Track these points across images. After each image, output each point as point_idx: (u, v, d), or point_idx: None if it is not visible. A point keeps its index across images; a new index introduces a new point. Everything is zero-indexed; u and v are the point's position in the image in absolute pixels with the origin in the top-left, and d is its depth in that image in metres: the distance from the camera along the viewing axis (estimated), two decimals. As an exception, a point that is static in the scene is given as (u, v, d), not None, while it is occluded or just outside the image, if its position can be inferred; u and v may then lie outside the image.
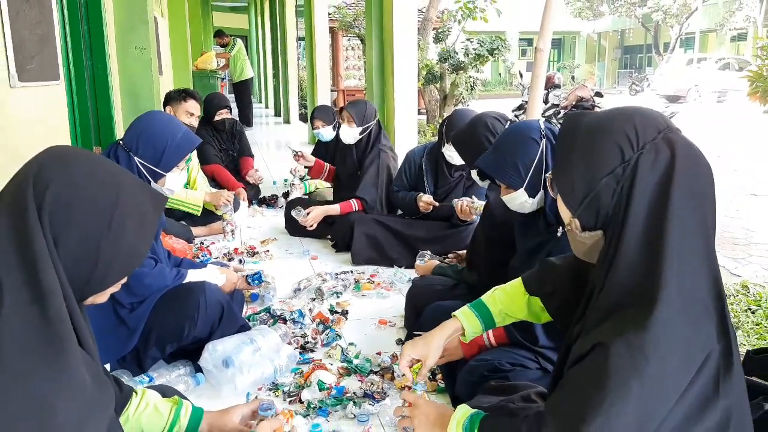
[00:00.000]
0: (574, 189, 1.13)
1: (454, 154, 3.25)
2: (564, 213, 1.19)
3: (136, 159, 2.17)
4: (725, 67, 20.76)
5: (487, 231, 2.48)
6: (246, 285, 2.59)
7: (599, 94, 8.53)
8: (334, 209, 3.78)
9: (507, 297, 1.55)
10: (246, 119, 11.19)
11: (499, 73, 30.59)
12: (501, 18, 8.51)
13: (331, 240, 3.83)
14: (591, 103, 8.12)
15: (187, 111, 3.98)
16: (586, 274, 1.29)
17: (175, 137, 2.22)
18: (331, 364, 2.28)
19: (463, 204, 2.97)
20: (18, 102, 2.48)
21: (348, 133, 3.84)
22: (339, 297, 2.96)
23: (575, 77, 17.75)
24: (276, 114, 14.44)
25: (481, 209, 2.77)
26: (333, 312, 2.73)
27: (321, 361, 2.29)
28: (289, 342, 2.39)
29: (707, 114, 16.11)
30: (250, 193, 4.91)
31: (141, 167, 2.19)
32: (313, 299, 2.89)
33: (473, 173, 2.54)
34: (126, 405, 1.36)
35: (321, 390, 2.05)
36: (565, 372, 1.15)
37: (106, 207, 0.99)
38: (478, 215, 2.93)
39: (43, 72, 2.75)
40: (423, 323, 2.13)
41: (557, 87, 10.33)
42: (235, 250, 3.72)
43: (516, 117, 8.83)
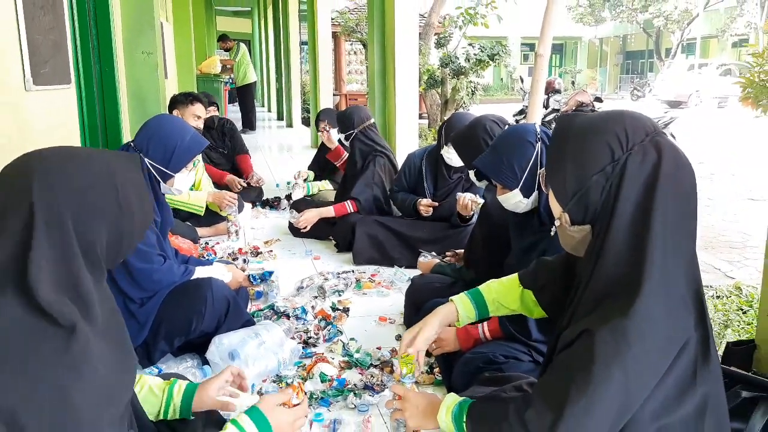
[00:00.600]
0: (565, 185, 1.19)
1: (453, 156, 3.33)
2: (555, 207, 1.26)
3: (146, 160, 2.26)
4: (726, 73, 20.84)
5: (484, 230, 2.56)
6: (249, 283, 2.68)
7: (599, 99, 8.61)
8: (328, 211, 3.87)
9: (502, 287, 1.62)
10: (249, 123, 11.29)
11: (501, 78, 30.70)
12: (503, 23, 8.61)
13: (334, 240, 3.91)
14: (591, 108, 8.18)
15: (194, 114, 4.05)
16: (575, 270, 1.37)
17: (184, 139, 2.31)
18: (333, 358, 2.36)
19: (466, 198, 3.04)
20: (32, 105, 2.57)
21: (335, 137, 4.39)
22: (341, 295, 3.04)
23: (575, 82, 17.80)
24: (279, 118, 14.52)
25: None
26: (335, 309, 2.82)
27: (323, 355, 2.37)
28: (293, 337, 2.47)
29: (707, 119, 16.18)
30: (252, 195, 5.00)
31: (151, 168, 2.27)
32: (316, 297, 2.98)
33: (471, 174, 2.62)
34: None
35: (323, 382, 2.14)
36: (554, 358, 1.23)
37: (111, 195, 1.03)
38: (476, 213, 3.02)
39: (56, 76, 2.84)
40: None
41: (558, 92, 10.40)
42: (240, 250, 3.81)
43: (517, 121, 8.91)
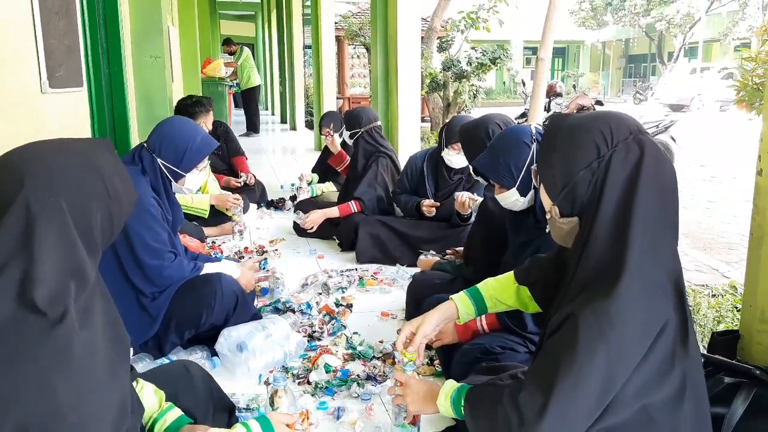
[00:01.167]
0: (555, 180, 1.27)
1: (453, 158, 3.43)
2: (545, 201, 1.34)
3: (159, 160, 2.35)
4: (728, 77, 20.88)
5: (483, 229, 2.65)
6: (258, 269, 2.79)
7: (600, 102, 8.68)
8: (333, 212, 3.97)
9: (499, 285, 1.70)
10: (253, 126, 11.42)
11: (504, 82, 30.79)
12: (506, 27, 8.70)
13: (337, 240, 4.00)
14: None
15: (212, 119, 4.31)
16: (567, 264, 1.45)
17: (195, 140, 2.40)
18: (337, 350, 2.45)
19: (464, 197, 3.13)
20: (48, 107, 2.67)
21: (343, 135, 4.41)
22: (344, 292, 3.13)
23: (576, 86, 17.88)
24: (282, 121, 14.62)
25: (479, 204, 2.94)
26: (338, 305, 2.91)
27: (327, 347, 2.46)
28: (298, 330, 2.56)
29: (709, 122, 16.23)
30: (255, 196, 5.09)
31: (163, 168, 2.36)
32: (320, 293, 3.06)
33: (472, 170, 2.70)
34: None
35: (327, 372, 2.22)
36: (543, 343, 1.31)
37: (98, 179, 1.07)
38: (474, 211, 3.10)
39: (70, 79, 2.94)
40: (423, 315, 2.29)
41: (559, 95, 10.51)
42: (245, 249, 3.90)
43: (519, 124, 8.96)
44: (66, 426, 0.96)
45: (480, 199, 3.06)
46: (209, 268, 2.45)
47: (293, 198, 5.15)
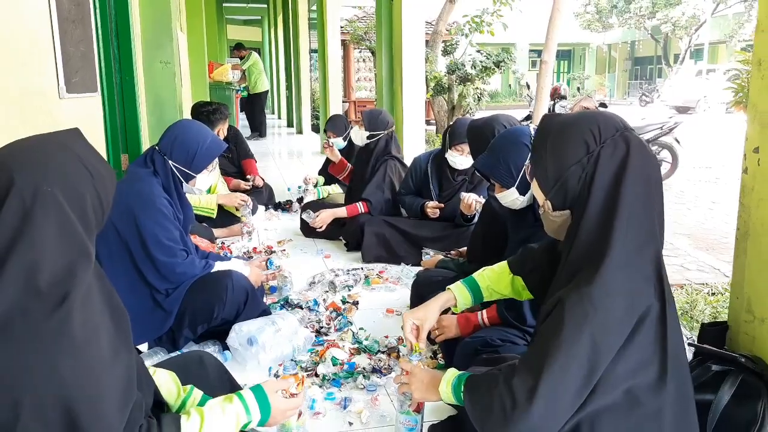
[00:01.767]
0: (547, 175, 1.35)
1: (457, 159, 3.51)
2: (539, 195, 1.42)
3: (170, 162, 2.45)
4: (736, 78, 20.82)
5: (485, 227, 2.73)
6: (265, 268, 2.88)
7: (604, 104, 8.73)
8: (341, 212, 4.06)
9: (494, 275, 1.79)
10: (258, 130, 11.56)
11: (509, 84, 30.84)
12: (512, 30, 8.78)
13: (343, 240, 4.09)
14: (596, 114, 8.32)
15: (227, 126, 4.46)
16: (559, 255, 1.53)
17: (206, 142, 2.50)
18: (343, 345, 2.53)
19: (470, 199, 3.21)
20: (65, 111, 2.78)
21: (356, 135, 4.30)
22: (350, 290, 3.22)
23: (580, 88, 17.94)
24: (289, 125, 14.74)
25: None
26: (345, 302, 2.99)
27: (334, 341, 2.55)
28: (306, 326, 2.65)
29: (715, 124, 16.24)
30: (263, 197, 5.19)
31: (174, 169, 2.46)
32: (327, 291, 3.15)
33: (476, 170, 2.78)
34: None
35: (334, 365, 2.31)
36: (536, 330, 1.39)
37: (80, 168, 1.13)
38: (478, 213, 3.18)
39: (85, 84, 3.05)
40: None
41: (563, 98, 10.54)
42: (254, 249, 3.99)
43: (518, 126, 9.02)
44: (74, 405, 1.02)
45: (484, 201, 3.14)
46: (220, 265, 2.55)
47: (300, 200, 5.25)
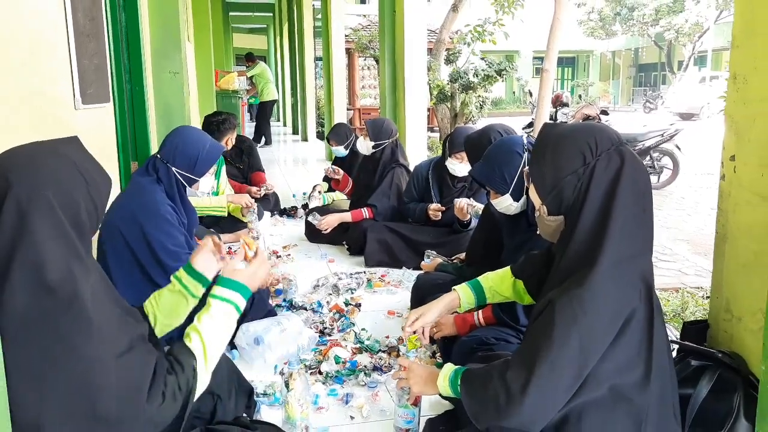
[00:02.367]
0: (544, 182, 1.45)
1: (456, 167, 3.62)
2: (535, 199, 1.52)
3: (173, 169, 2.54)
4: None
5: (483, 232, 2.84)
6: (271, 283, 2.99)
7: (605, 112, 8.83)
8: (347, 216, 4.18)
9: (497, 278, 1.90)
10: (261, 138, 11.72)
11: (513, 92, 30.98)
12: (516, 38, 8.87)
13: (347, 245, 4.20)
14: (597, 121, 8.42)
15: (236, 135, 4.59)
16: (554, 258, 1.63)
17: (205, 147, 2.59)
18: (346, 344, 2.64)
19: (462, 202, 3.33)
20: (80, 121, 2.90)
21: (362, 145, 4.38)
22: (353, 293, 3.32)
23: (582, 96, 18.05)
24: (294, 132, 14.89)
25: (479, 211, 3.14)
26: (347, 304, 3.10)
27: (337, 341, 2.66)
28: (310, 326, 2.76)
29: (718, 131, 16.26)
30: (269, 204, 5.30)
31: (178, 175, 2.56)
32: (330, 294, 3.26)
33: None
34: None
35: (337, 363, 2.42)
36: (528, 328, 1.49)
37: (75, 174, 1.21)
38: (473, 216, 3.29)
39: (99, 95, 3.18)
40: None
41: (565, 105, 10.68)
42: (260, 253, 4.10)
43: (527, 134, 9.14)
44: (98, 382, 1.14)
45: (479, 206, 3.25)
46: (226, 268, 2.65)
47: (305, 206, 5.36)
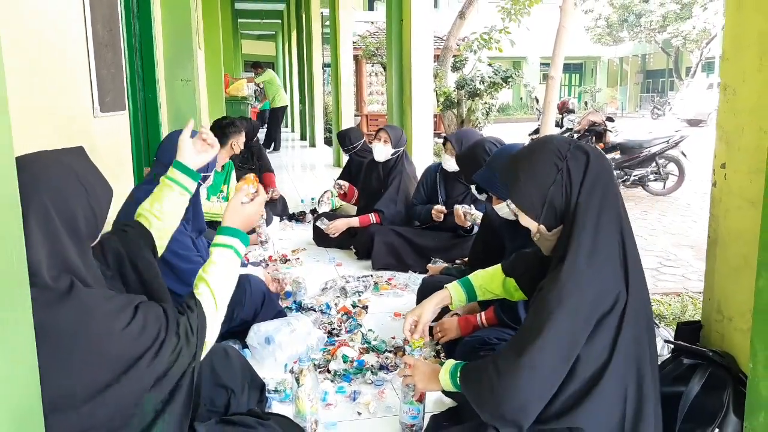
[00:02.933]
0: (533, 202, 1.51)
1: (450, 162, 3.74)
2: (531, 224, 1.57)
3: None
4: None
5: (485, 236, 2.92)
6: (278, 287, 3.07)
7: (611, 118, 8.87)
8: (354, 221, 4.27)
9: (487, 276, 1.99)
10: (271, 143, 11.85)
11: (521, 98, 31.05)
12: (523, 44, 8.99)
13: (354, 249, 4.30)
14: (603, 128, 8.44)
15: (243, 138, 4.68)
16: (548, 258, 1.71)
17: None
18: (353, 344, 2.73)
19: (459, 210, 3.42)
20: (98, 128, 3.01)
21: (381, 151, 4.31)
22: (360, 295, 3.41)
23: (587, 103, 18.10)
24: (302, 138, 15.02)
25: (477, 218, 3.23)
26: (355, 306, 3.19)
27: (345, 341, 2.74)
28: (318, 327, 2.85)
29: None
30: (278, 208, 5.41)
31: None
32: (338, 296, 3.35)
33: (473, 188, 2.99)
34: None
35: (345, 362, 2.51)
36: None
37: (75, 183, 1.28)
38: (472, 222, 3.38)
39: (116, 103, 3.29)
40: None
41: (571, 112, 10.71)
42: (269, 257, 4.21)
43: (532, 140, 9.18)
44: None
45: (477, 214, 3.34)
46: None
47: (313, 211, 5.47)
